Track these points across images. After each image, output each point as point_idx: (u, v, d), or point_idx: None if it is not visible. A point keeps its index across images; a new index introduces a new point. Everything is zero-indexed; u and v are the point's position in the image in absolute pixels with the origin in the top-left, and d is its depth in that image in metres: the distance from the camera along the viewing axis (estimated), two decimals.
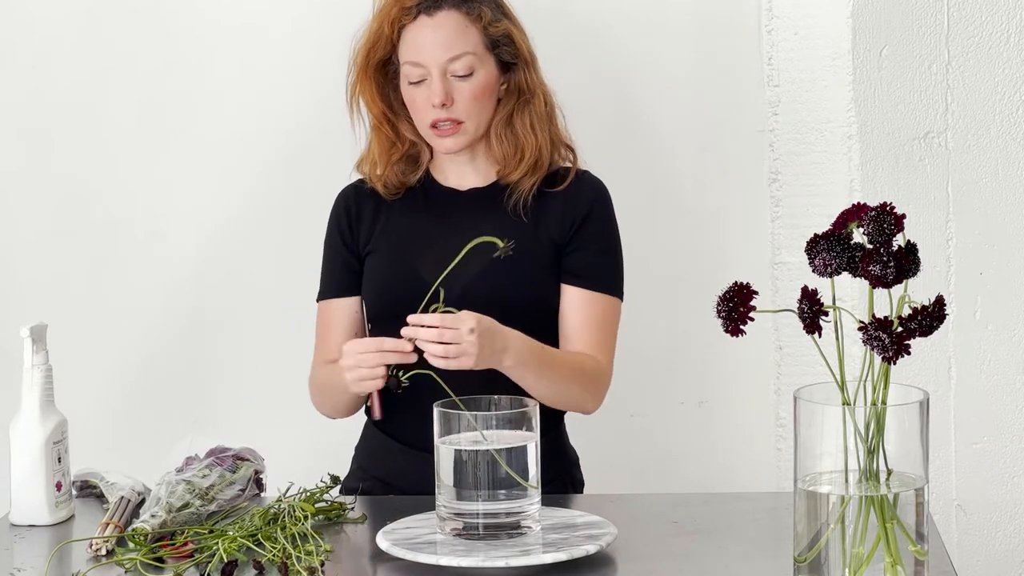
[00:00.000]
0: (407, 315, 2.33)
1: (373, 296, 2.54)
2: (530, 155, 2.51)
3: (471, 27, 2.47)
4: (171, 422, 3.04)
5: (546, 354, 2.41)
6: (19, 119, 3.07)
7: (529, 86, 2.53)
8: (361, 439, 2.62)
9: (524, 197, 2.52)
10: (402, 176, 2.56)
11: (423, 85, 2.47)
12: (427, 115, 2.47)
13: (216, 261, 3.08)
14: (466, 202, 2.55)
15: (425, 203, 2.56)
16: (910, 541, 1.82)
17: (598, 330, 2.50)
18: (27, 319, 2.35)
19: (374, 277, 2.54)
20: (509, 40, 2.51)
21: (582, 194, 2.54)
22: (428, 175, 2.58)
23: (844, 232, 1.80)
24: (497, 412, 2.10)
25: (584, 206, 2.53)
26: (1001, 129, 2.89)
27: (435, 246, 2.49)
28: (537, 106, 2.53)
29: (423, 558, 2.03)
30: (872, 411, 1.80)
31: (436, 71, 2.45)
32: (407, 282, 2.48)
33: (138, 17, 3.03)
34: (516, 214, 2.52)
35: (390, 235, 2.54)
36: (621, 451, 3.06)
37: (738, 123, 3.01)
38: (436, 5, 2.47)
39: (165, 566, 2.07)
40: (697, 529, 2.20)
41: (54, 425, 2.31)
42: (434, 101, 2.45)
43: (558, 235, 2.51)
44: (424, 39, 2.46)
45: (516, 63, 2.52)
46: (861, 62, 2.89)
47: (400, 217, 2.55)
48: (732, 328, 1.81)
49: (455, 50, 2.46)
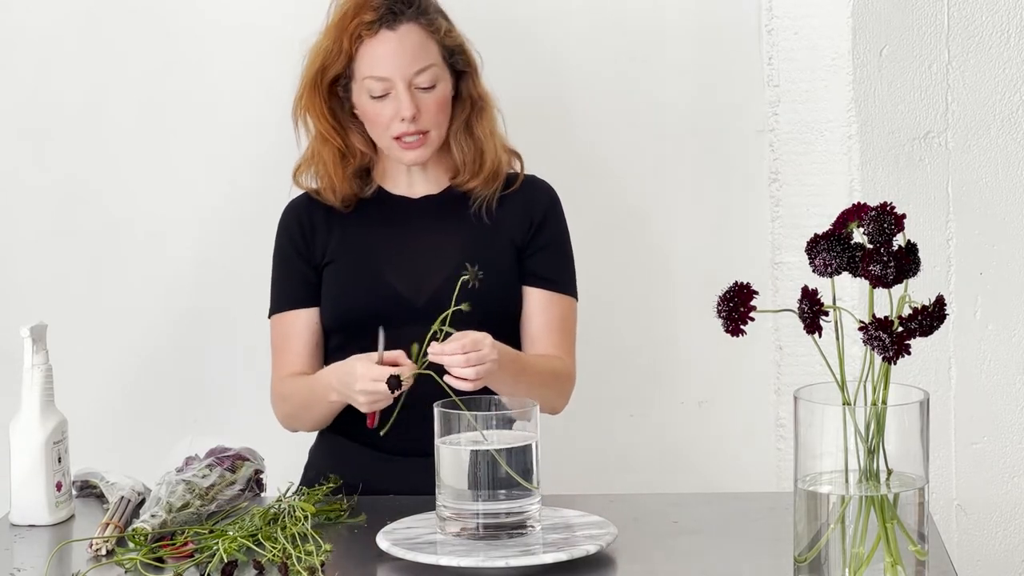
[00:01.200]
0: (373, 324, 2.35)
1: (336, 306, 2.54)
2: (491, 162, 2.54)
3: (430, 39, 2.50)
4: (171, 422, 3.04)
5: (521, 360, 2.44)
6: (19, 119, 3.06)
7: (480, 94, 2.56)
8: (316, 442, 2.63)
9: (488, 202, 2.54)
10: (358, 189, 2.57)
11: (388, 99, 2.48)
12: (392, 129, 2.49)
13: (216, 261, 3.07)
14: (422, 209, 2.57)
15: (380, 212, 2.57)
16: (910, 541, 1.82)
17: (561, 331, 2.54)
18: (27, 319, 2.35)
19: (336, 287, 2.54)
20: (461, 50, 2.54)
21: (537, 197, 2.58)
22: (377, 186, 2.60)
23: (844, 232, 1.80)
24: (497, 412, 2.10)
25: (541, 208, 2.57)
26: (1001, 129, 2.89)
27: (400, 254, 2.52)
28: (490, 113, 2.57)
29: (423, 558, 2.03)
30: (872, 411, 1.80)
31: (402, 84, 2.47)
32: (375, 291, 2.50)
33: (138, 17, 3.03)
34: (477, 218, 2.54)
35: (350, 245, 2.55)
36: (621, 451, 3.06)
37: (738, 123, 3.01)
38: (396, 19, 2.48)
39: (165, 566, 2.07)
40: (697, 529, 2.20)
41: (54, 425, 2.31)
42: (404, 115, 2.46)
43: (518, 237, 2.55)
44: (388, 53, 2.47)
45: (468, 71, 2.55)
46: (861, 62, 2.89)
47: (357, 227, 2.56)
48: (732, 328, 1.81)
49: (420, 63, 2.48)
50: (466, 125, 2.55)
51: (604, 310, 3.02)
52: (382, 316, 2.40)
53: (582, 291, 2.61)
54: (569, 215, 2.61)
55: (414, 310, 2.46)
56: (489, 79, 2.59)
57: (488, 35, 2.64)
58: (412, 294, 2.49)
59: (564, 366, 2.53)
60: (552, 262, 2.56)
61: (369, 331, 2.35)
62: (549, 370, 2.50)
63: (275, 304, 2.60)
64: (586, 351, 3.04)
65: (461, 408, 2.08)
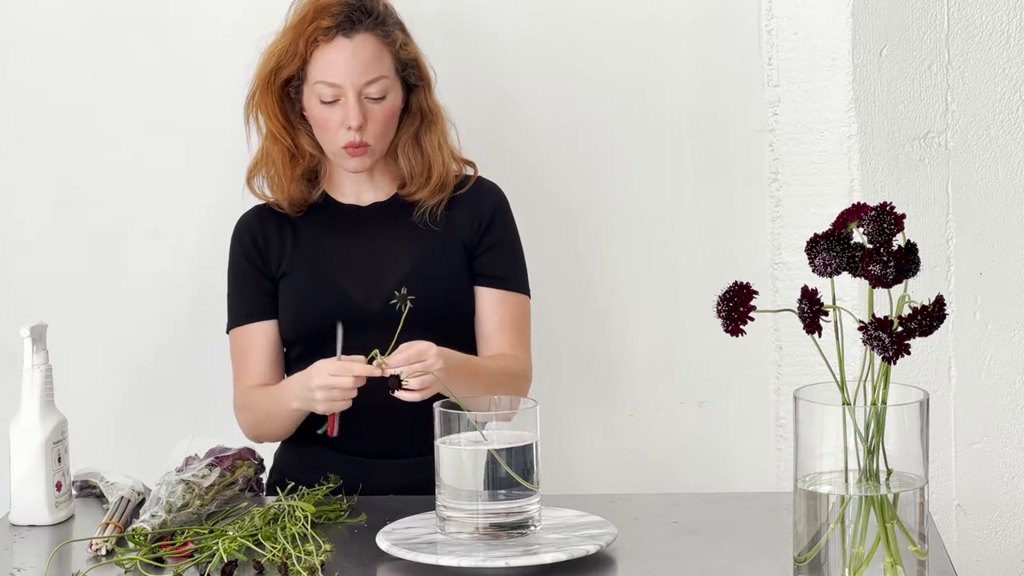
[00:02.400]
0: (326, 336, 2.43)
1: (294, 317, 2.56)
2: (438, 174, 2.56)
3: (385, 51, 2.52)
4: (171, 422, 3.04)
5: (471, 364, 2.45)
6: (19, 119, 3.06)
7: (431, 107, 2.59)
8: (281, 446, 2.63)
9: (432, 211, 2.57)
10: (305, 192, 2.60)
11: (336, 106, 2.50)
12: (339, 136, 2.51)
13: (216, 261, 3.07)
14: (371, 217, 2.59)
15: (331, 220, 2.60)
16: (910, 541, 1.82)
17: (515, 329, 2.56)
18: (27, 319, 2.34)
19: (294, 298, 2.56)
20: (415, 63, 2.56)
21: (484, 198, 2.60)
22: (324, 194, 2.61)
23: (844, 232, 1.80)
24: (497, 412, 2.10)
25: (488, 209, 2.59)
26: (1001, 129, 2.89)
27: (354, 262, 2.54)
28: (440, 126, 2.59)
29: (423, 558, 2.03)
30: (872, 411, 1.80)
31: (352, 93, 2.48)
32: (331, 300, 2.52)
33: (138, 17, 3.03)
34: (424, 224, 2.56)
35: (304, 255, 2.57)
36: (621, 451, 3.06)
37: (738, 123, 3.01)
38: (354, 27, 2.50)
39: (165, 566, 2.07)
40: (697, 529, 2.20)
41: (54, 425, 2.31)
42: (351, 124, 2.48)
43: (468, 238, 2.57)
44: (342, 60, 2.49)
45: (419, 85, 2.57)
46: (861, 62, 2.89)
47: (310, 237, 2.58)
48: (732, 328, 1.81)
49: (372, 73, 2.49)
50: (415, 138, 2.58)
51: (603, 310, 3.02)
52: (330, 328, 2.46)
53: (581, 291, 2.62)
54: (568, 215, 2.62)
55: (370, 317, 2.48)
56: (490, 79, 2.59)
57: (488, 35, 2.64)
58: (367, 301, 2.51)
59: (519, 364, 2.55)
60: (501, 261, 2.58)
61: (328, 340, 2.42)
62: (503, 370, 2.51)
63: (232, 318, 2.63)
64: (586, 351, 3.04)
65: (461, 408, 2.08)
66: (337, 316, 2.48)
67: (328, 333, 2.46)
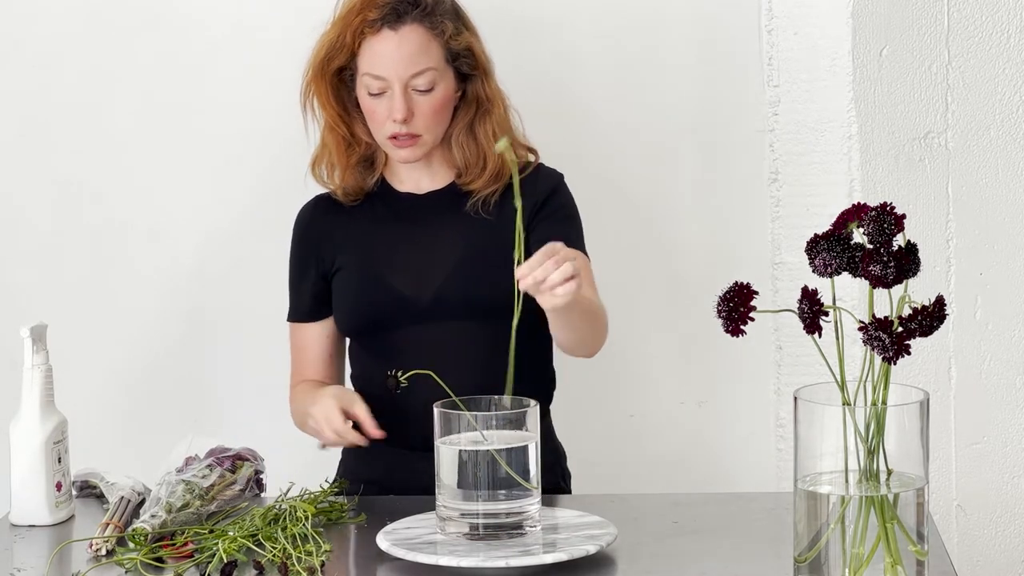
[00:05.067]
0: (384, 327, 2.43)
1: (347, 313, 2.55)
2: (493, 164, 2.53)
3: (433, 42, 2.48)
4: (171, 422, 3.04)
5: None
6: (19, 119, 3.06)
7: (488, 95, 2.54)
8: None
9: (486, 200, 2.53)
10: (361, 180, 2.58)
11: (383, 97, 2.47)
12: (386, 128, 2.48)
13: (216, 261, 3.07)
14: (426, 206, 2.56)
15: (385, 209, 2.57)
16: (910, 541, 1.82)
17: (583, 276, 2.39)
18: (27, 319, 2.34)
19: (346, 294, 2.55)
20: (469, 52, 2.52)
21: (540, 183, 2.55)
22: (383, 180, 2.59)
23: (844, 232, 1.80)
24: (497, 412, 2.10)
25: (544, 191, 2.54)
26: (1001, 129, 2.89)
27: (401, 254, 2.52)
28: (497, 114, 2.55)
29: (423, 558, 2.03)
30: (872, 411, 1.80)
31: (398, 86, 2.46)
32: (380, 295, 2.50)
33: (138, 17, 3.03)
34: (477, 214, 2.53)
35: (356, 249, 2.55)
36: (621, 451, 3.06)
37: (738, 123, 3.01)
38: (400, 19, 2.46)
39: (165, 566, 2.07)
40: (697, 529, 2.20)
41: (54, 425, 2.31)
42: (395, 116, 2.46)
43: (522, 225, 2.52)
44: (387, 53, 2.46)
45: (475, 74, 2.53)
46: (861, 62, 2.89)
47: (363, 228, 2.56)
48: (732, 328, 1.81)
49: (418, 65, 2.46)
50: (469, 127, 2.54)
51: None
52: (388, 319, 2.45)
53: None
54: None
55: (418, 310, 2.47)
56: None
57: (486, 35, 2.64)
58: (415, 294, 2.49)
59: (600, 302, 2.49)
60: (557, 227, 2.50)
61: (381, 334, 2.41)
62: (593, 300, 2.45)
63: (290, 312, 2.63)
64: None
65: (461, 408, 2.08)
66: (386, 310, 2.47)
67: (381, 325, 2.45)
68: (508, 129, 2.56)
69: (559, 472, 2.60)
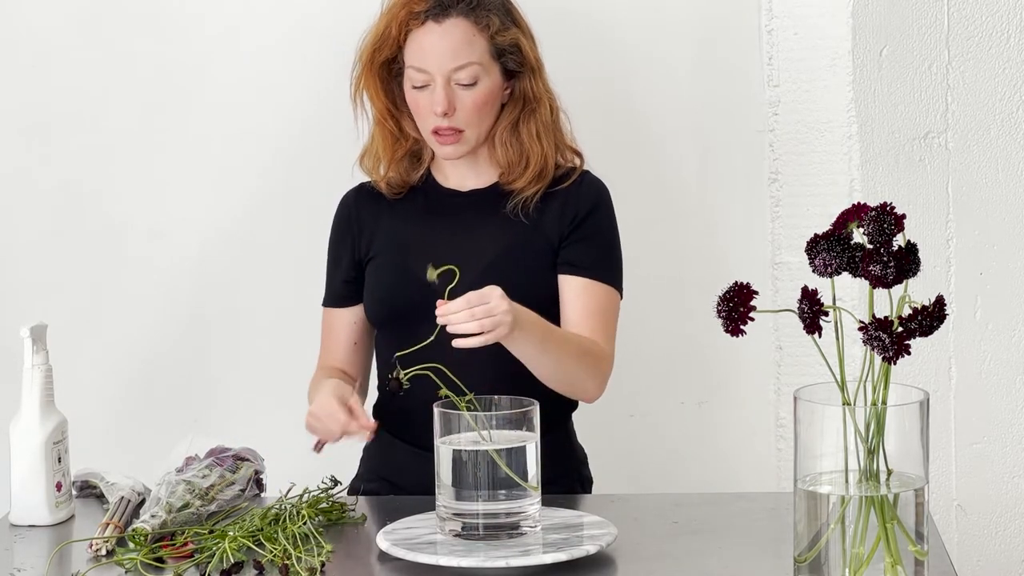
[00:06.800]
0: (410, 319, 2.38)
1: (376, 303, 2.55)
2: (535, 164, 2.51)
3: (478, 36, 2.46)
4: (171, 422, 3.04)
5: (548, 327, 2.38)
6: (19, 119, 3.06)
7: (535, 94, 2.52)
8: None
9: (526, 202, 2.51)
10: (405, 174, 2.57)
11: (426, 91, 2.46)
12: (429, 121, 2.47)
13: (217, 261, 3.07)
14: (466, 204, 2.55)
15: (426, 204, 2.56)
16: (910, 541, 1.82)
17: (599, 318, 2.47)
18: (27, 319, 2.34)
19: (376, 284, 2.55)
20: (516, 49, 2.49)
21: (583, 194, 2.53)
22: (429, 175, 2.58)
23: (844, 232, 1.80)
24: (497, 412, 2.10)
25: (586, 205, 2.52)
26: (1001, 129, 2.89)
27: (435, 248, 2.49)
28: (543, 114, 2.52)
29: (423, 558, 2.03)
30: (872, 411, 1.80)
31: (440, 79, 2.44)
32: (410, 288, 2.48)
33: (138, 17, 3.03)
34: (515, 215, 2.52)
35: (390, 240, 2.54)
36: (621, 451, 3.06)
37: (738, 123, 3.01)
38: (445, 12, 2.45)
39: (165, 566, 2.07)
40: (697, 529, 2.20)
41: (54, 425, 2.31)
42: (436, 110, 2.44)
43: (555, 234, 2.50)
44: (431, 46, 2.45)
45: (522, 71, 2.51)
46: (861, 62, 2.89)
47: (400, 221, 2.55)
48: (732, 328, 1.81)
49: (461, 59, 2.45)
50: (513, 125, 2.52)
51: None
52: (415, 312, 2.41)
53: None
54: None
55: None
56: None
57: None
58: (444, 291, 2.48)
59: (599, 348, 2.45)
60: (591, 252, 2.50)
61: (408, 326, 2.39)
62: (582, 347, 2.43)
63: (325, 297, 2.63)
64: None
65: (461, 408, 2.08)
66: (413, 303, 2.44)
67: (407, 317, 2.43)
68: (553, 130, 2.54)
69: (575, 476, 2.59)
